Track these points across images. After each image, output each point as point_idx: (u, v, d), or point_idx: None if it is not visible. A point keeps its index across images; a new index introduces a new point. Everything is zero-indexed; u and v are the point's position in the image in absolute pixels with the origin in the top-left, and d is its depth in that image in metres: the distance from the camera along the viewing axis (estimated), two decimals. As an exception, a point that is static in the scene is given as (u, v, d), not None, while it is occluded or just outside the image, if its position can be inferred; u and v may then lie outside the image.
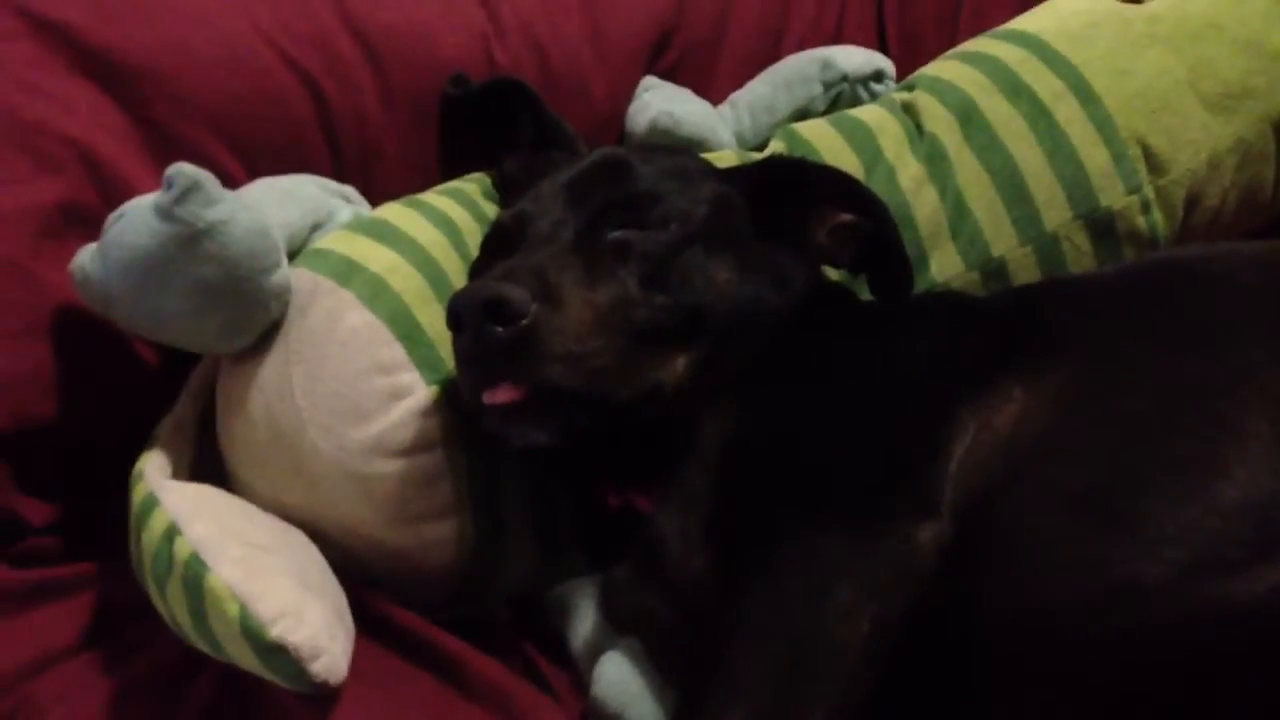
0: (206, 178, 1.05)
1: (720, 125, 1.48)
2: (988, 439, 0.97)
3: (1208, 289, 1.04)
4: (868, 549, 0.91)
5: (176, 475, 1.12)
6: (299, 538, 1.09)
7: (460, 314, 1.00)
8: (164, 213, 1.05)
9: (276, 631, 0.91)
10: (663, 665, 1.07)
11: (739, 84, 1.56)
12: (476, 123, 1.43)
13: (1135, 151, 1.33)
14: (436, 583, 1.16)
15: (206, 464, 1.18)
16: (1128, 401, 0.95)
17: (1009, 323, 1.08)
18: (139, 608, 1.07)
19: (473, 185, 1.36)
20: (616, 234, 1.12)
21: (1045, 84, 1.35)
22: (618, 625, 1.13)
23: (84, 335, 1.19)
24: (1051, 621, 0.88)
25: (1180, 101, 1.35)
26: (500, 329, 0.98)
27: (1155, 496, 0.87)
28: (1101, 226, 1.33)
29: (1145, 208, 1.33)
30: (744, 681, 0.88)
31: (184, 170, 1.04)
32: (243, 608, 0.92)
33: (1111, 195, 1.32)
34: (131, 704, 1.04)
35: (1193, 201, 1.36)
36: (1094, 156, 1.32)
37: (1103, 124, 1.33)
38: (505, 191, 1.36)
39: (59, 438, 1.18)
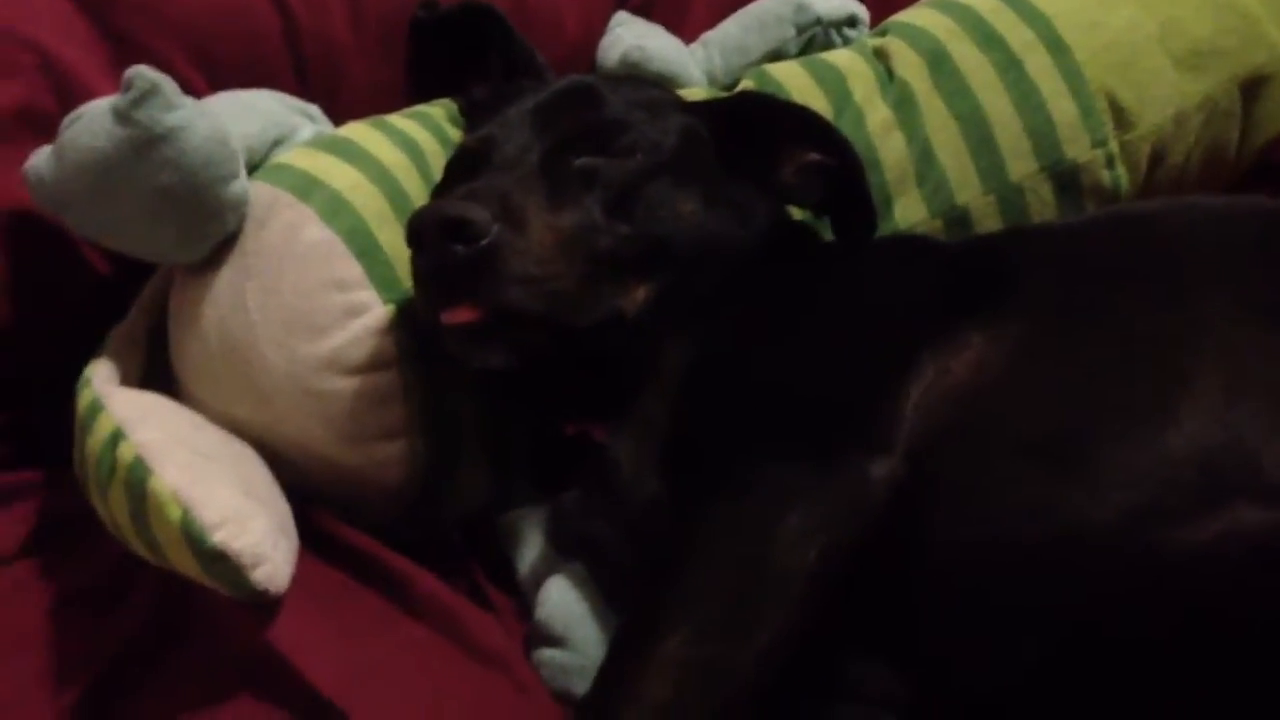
0: (165, 82, 1.04)
1: (691, 63, 1.47)
2: (945, 382, 0.97)
3: (1168, 242, 1.05)
4: (821, 480, 0.91)
5: (125, 386, 1.11)
6: (247, 451, 1.09)
7: (421, 231, 0.99)
8: (121, 115, 1.03)
9: (219, 537, 0.91)
10: (608, 590, 1.07)
11: (711, 24, 1.54)
12: (445, 48, 1.42)
13: (1102, 105, 1.33)
14: (386, 503, 1.16)
15: (156, 379, 1.16)
16: (1083, 350, 0.95)
17: (971, 269, 1.09)
18: (81, 517, 1.06)
19: (439, 110, 1.35)
20: (583, 161, 1.11)
21: (1017, 33, 1.35)
22: (565, 551, 1.13)
23: (35, 241, 1.18)
24: (998, 562, 0.89)
25: (1150, 57, 1.35)
26: (461, 248, 0.97)
27: (1105, 443, 0.88)
28: (1066, 179, 1.33)
29: (1110, 162, 1.33)
30: (690, 603, 0.88)
31: (143, 73, 1.03)
32: (185, 512, 0.91)
33: (1077, 148, 1.32)
34: (72, 610, 1.04)
35: (1157, 158, 1.36)
36: (1062, 108, 1.32)
37: (1072, 76, 1.32)
38: (471, 119, 1.34)
39: (6, 343, 1.16)
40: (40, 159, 1.09)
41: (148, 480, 0.93)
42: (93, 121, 1.05)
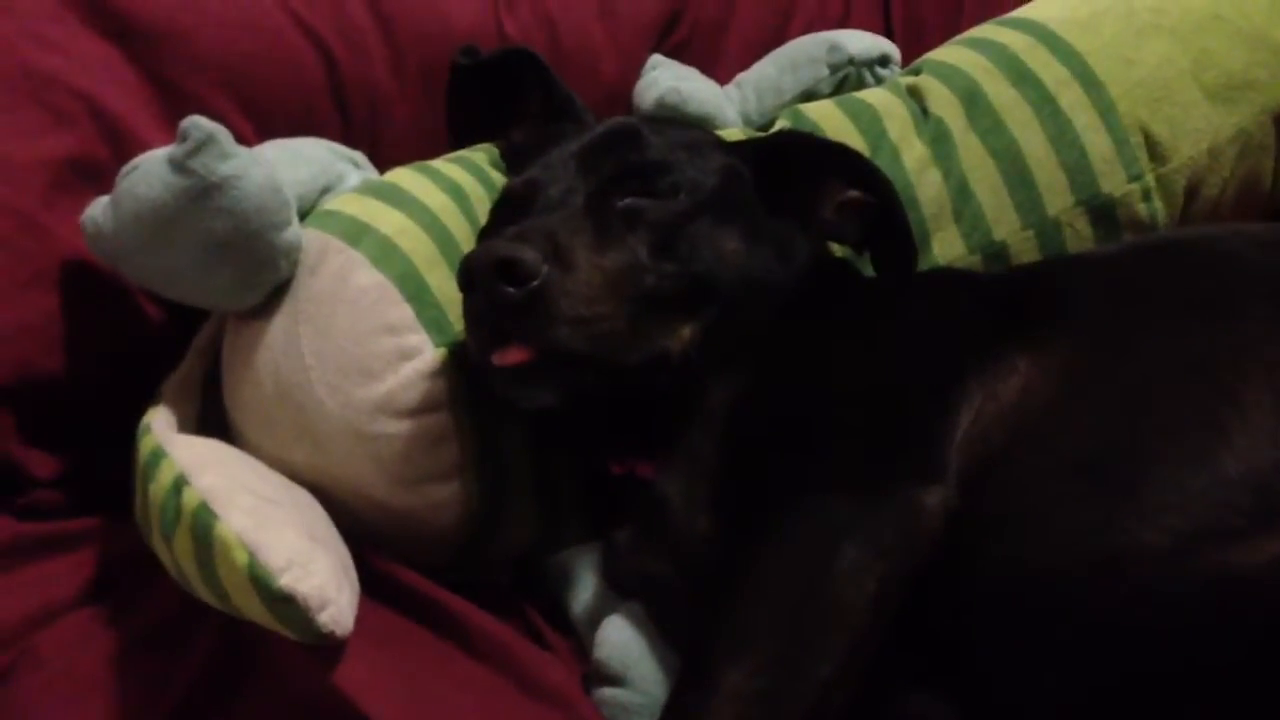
0: (221, 131, 1.06)
1: (727, 104, 1.49)
2: (993, 409, 0.98)
3: (1210, 265, 1.06)
4: (876, 512, 0.92)
5: (182, 432, 1.12)
6: (305, 495, 1.10)
7: (473, 273, 1.01)
8: (177, 165, 1.05)
9: (285, 580, 0.91)
10: (665, 628, 1.08)
11: (745, 65, 1.56)
12: (485, 93, 1.43)
13: (1137, 139, 1.34)
14: (439, 545, 1.17)
15: (211, 425, 1.18)
16: (1131, 373, 0.96)
17: (1014, 296, 1.10)
18: (142, 563, 1.07)
19: (480, 155, 1.36)
20: (627, 202, 1.12)
21: (1050, 71, 1.36)
22: (619, 590, 1.14)
23: (92, 290, 1.19)
24: (1051, 587, 0.89)
25: (1183, 91, 1.36)
26: (511, 289, 0.99)
27: (1156, 465, 0.88)
28: (1102, 213, 1.33)
29: (1146, 195, 1.34)
30: (750, 638, 0.89)
31: (199, 123, 1.05)
32: (251, 556, 0.92)
33: (1113, 182, 1.33)
34: (133, 657, 1.04)
35: (1193, 190, 1.37)
36: (1097, 143, 1.33)
37: (1106, 111, 1.34)
38: (512, 163, 1.36)
39: (64, 392, 1.18)
40: (97, 209, 1.10)
41: (213, 526, 0.94)
42: (149, 171, 1.07)
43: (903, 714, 0.95)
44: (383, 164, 1.34)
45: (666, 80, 1.47)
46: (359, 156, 1.33)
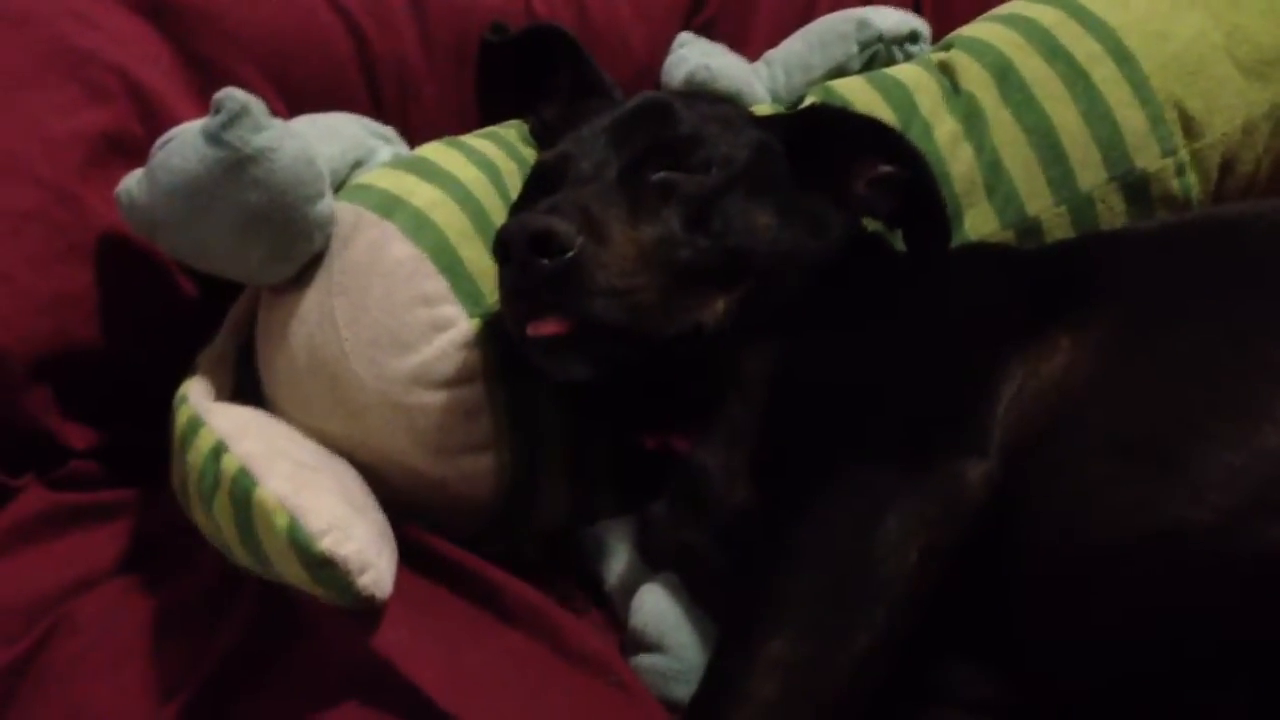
0: (255, 103, 1.06)
1: (756, 81, 1.48)
2: (1035, 386, 0.97)
3: (1253, 241, 1.04)
4: (918, 483, 0.91)
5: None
6: (341, 463, 1.10)
7: (508, 244, 1.01)
8: (212, 137, 1.05)
9: (325, 544, 0.92)
10: (701, 598, 1.08)
11: (773, 42, 1.56)
12: (515, 70, 1.44)
13: (1171, 114, 1.33)
14: (473, 516, 1.17)
15: (245, 398, 1.18)
16: (1174, 348, 0.95)
17: (1054, 272, 1.09)
18: (178, 534, 1.08)
19: (511, 131, 1.37)
20: (659, 175, 1.13)
21: (1082, 46, 1.35)
22: (654, 562, 1.14)
23: (127, 263, 1.20)
24: (1095, 563, 0.89)
25: (1217, 66, 1.35)
26: (547, 261, 0.99)
27: (1201, 441, 0.87)
28: (1136, 188, 1.33)
29: (1180, 170, 1.33)
30: (791, 606, 0.88)
31: (233, 95, 1.05)
32: (292, 520, 0.92)
33: (1147, 157, 1.32)
34: (170, 625, 1.05)
35: (1227, 166, 1.36)
36: (1130, 118, 1.32)
37: (1139, 86, 1.33)
38: (542, 139, 1.36)
39: (99, 364, 1.18)
40: (132, 181, 1.11)
41: (253, 490, 0.95)
42: (184, 143, 1.07)
43: (944, 686, 0.94)
44: (412, 140, 1.35)
45: (696, 57, 1.47)
46: (389, 132, 1.34)
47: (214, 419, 1.03)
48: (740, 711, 0.84)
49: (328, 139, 1.21)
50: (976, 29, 1.45)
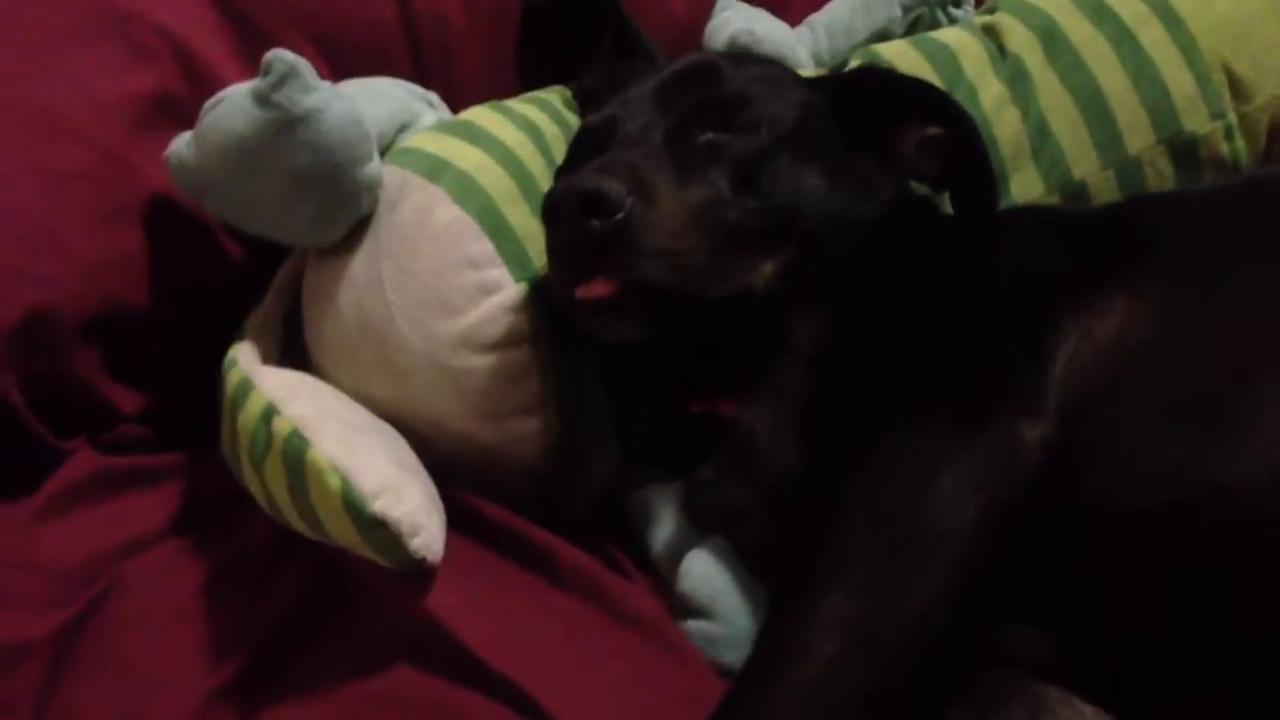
0: (303, 64, 1.06)
1: (799, 45, 1.47)
2: (1090, 347, 0.96)
3: None
4: (975, 442, 0.90)
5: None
6: (389, 427, 1.10)
7: (557, 205, 1.01)
8: (261, 98, 1.05)
9: (378, 505, 0.92)
10: (749, 562, 1.07)
11: (814, 6, 1.54)
12: (557, 33, 1.43)
13: (1220, 77, 1.31)
14: (520, 480, 1.17)
15: (292, 361, 1.18)
16: (1230, 310, 0.94)
17: (1107, 233, 1.08)
18: (228, 498, 1.08)
19: (555, 95, 1.36)
20: (707, 136, 1.12)
21: (1129, 8, 1.34)
22: (702, 526, 1.13)
23: (175, 226, 1.20)
24: (1151, 522, 0.88)
25: (1265, 28, 1.33)
26: (596, 222, 0.99)
27: (1262, 400, 0.86)
28: (1184, 151, 1.31)
29: (1229, 134, 1.32)
30: (849, 564, 0.88)
31: (282, 56, 1.05)
32: (345, 481, 0.93)
33: (1195, 120, 1.31)
34: (222, 587, 1.05)
35: (1276, 129, 1.34)
36: (1178, 80, 1.31)
37: (1188, 48, 1.31)
38: (585, 104, 1.35)
39: (147, 327, 1.19)
40: (181, 144, 1.11)
41: (306, 451, 0.95)
42: (233, 105, 1.07)
43: (1000, 647, 0.94)
44: (455, 105, 1.34)
45: (738, 21, 1.46)
46: (433, 96, 1.33)
47: (264, 382, 1.04)
48: (800, 669, 0.84)
49: (373, 102, 1.20)
50: (1022, -8, 1.44)
